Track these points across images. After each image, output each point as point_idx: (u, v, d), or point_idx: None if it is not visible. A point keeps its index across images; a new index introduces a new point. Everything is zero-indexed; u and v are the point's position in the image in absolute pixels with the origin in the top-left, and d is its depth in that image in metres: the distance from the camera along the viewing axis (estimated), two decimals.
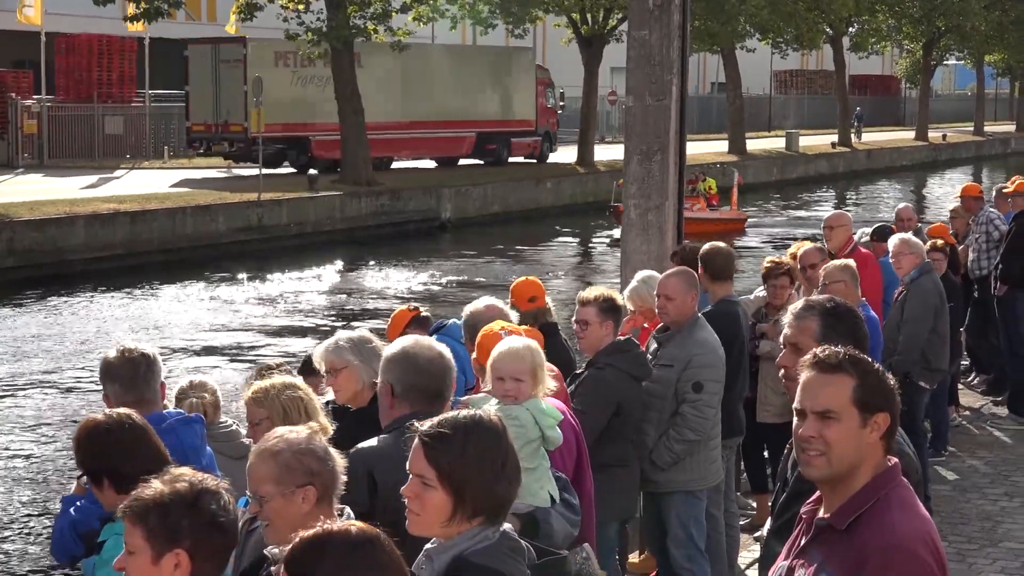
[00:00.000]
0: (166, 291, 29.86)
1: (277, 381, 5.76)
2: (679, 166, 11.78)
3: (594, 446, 7.27)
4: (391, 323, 8.53)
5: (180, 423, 5.68)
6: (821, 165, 65.89)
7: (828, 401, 3.84)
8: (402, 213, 40.94)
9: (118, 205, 33.49)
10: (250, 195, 36.75)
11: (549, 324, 8.45)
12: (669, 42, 11.59)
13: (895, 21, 75.32)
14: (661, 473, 8.36)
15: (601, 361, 7.80)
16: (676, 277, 8.41)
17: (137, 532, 3.81)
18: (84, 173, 42.12)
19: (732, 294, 9.64)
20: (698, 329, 8.36)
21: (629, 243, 11.74)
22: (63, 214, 31.80)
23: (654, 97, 11.63)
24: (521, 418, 5.86)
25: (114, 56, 49.82)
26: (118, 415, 5.09)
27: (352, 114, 42.11)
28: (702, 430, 8.32)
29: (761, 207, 50.85)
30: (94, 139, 48.34)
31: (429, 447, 3.79)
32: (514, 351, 5.98)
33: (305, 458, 4.27)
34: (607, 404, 7.77)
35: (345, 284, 32.03)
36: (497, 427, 3.86)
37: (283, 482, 4.25)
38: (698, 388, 8.27)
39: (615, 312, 7.94)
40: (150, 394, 5.68)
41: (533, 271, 29.61)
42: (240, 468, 6.66)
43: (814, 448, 3.85)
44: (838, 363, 3.87)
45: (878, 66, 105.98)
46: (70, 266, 30.86)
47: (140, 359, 5.67)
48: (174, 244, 33.75)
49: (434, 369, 5.34)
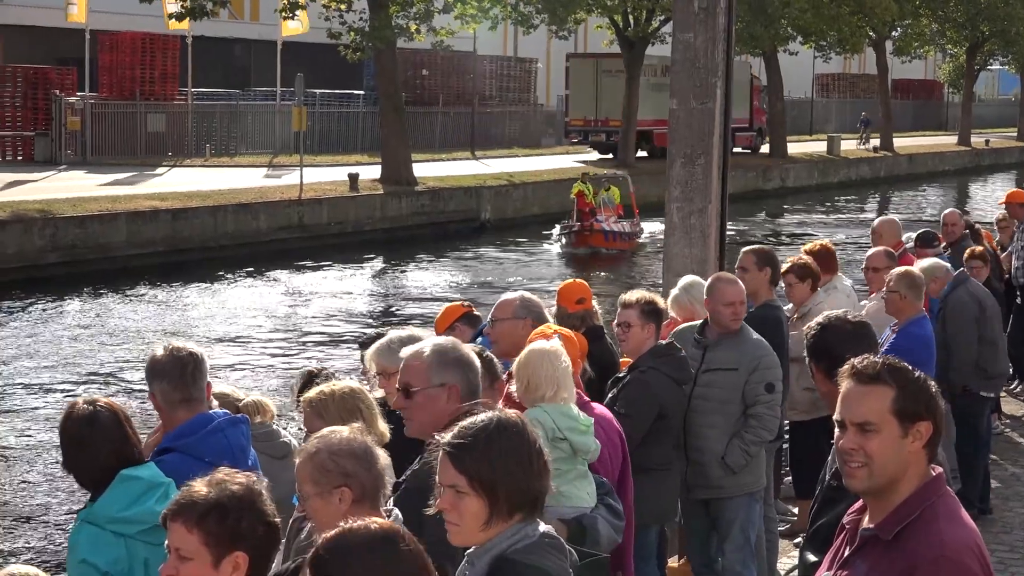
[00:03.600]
0: (206, 289, 29.97)
1: (337, 388, 5.65)
2: (723, 170, 11.74)
3: (637, 449, 7.25)
4: (440, 316, 8.49)
5: (227, 423, 5.68)
6: (862, 169, 65.59)
7: (867, 413, 3.82)
8: (442, 213, 40.98)
9: (160, 202, 33.65)
10: (291, 194, 36.86)
11: (596, 327, 8.42)
12: (714, 45, 11.55)
13: (939, 26, 74.94)
14: (729, 477, 8.35)
15: (644, 365, 7.80)
16: (740, 284, 8.50)
17: (193, 537, 3.76)
18: (126, 170, 42.34)
19: (775, 298, 9.62)
20: (746, 331, 8.40)
21: (672, 247, 11.69)
22: (105, 211, 31.97)
23: (698, 100, 11.59)
24: (540, 421, 5.87)
25: (157, 54, 50.03)
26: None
27: (393, 112, 42.19)
28: (775, 430, 8.45)
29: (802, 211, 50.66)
30: (136, 136, 48.57)
31: (454, 456, 3.80)
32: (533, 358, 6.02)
33: (341, 459, 4.28)
34: (650, 407, 7.76)
35: (384, 284, 32.08)
36: (517, 423, 3.87)
37: (319, 483, 4.28)
38: (770, 389, 8.31)
39: (657, 315, 7.93)
40: (197, 393, 5.67)
41: (574, 273, 29.61)
42: (281, 468, 6.68)
43: (855, 460, 3.84)
44: (876, 373, 3.85)
45: (921, 70, 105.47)
46: (112, 263, 31.02)
47: (188, 358, 5.67)
48: (215, 242, 33.88)
49: None
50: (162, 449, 5.56)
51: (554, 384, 6.08)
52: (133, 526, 5.09)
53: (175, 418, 5.63)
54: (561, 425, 6.04)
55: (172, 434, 5.60)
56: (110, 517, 5.11)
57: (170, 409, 5.64)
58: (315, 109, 52.28)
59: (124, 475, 5.15)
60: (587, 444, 6.11)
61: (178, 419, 5.62)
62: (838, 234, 42.35)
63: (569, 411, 6.11)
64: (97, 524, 5.13)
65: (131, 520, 5.09)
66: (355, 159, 48.99)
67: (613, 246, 37.06)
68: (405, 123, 42.35)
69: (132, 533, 5.09)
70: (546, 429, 5.91)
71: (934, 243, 13.22)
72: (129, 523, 5.09)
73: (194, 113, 50.93)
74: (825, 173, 62.09)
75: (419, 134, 54.97)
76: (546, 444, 3.95)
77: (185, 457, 5.42)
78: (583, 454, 6.13)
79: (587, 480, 6.11)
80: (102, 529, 5.10)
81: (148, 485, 5.15)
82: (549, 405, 6.05)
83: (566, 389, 6.15)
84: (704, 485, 8.37)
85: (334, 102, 56.24)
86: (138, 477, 5.17)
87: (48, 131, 46.39)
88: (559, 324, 8.05)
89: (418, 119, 56.42)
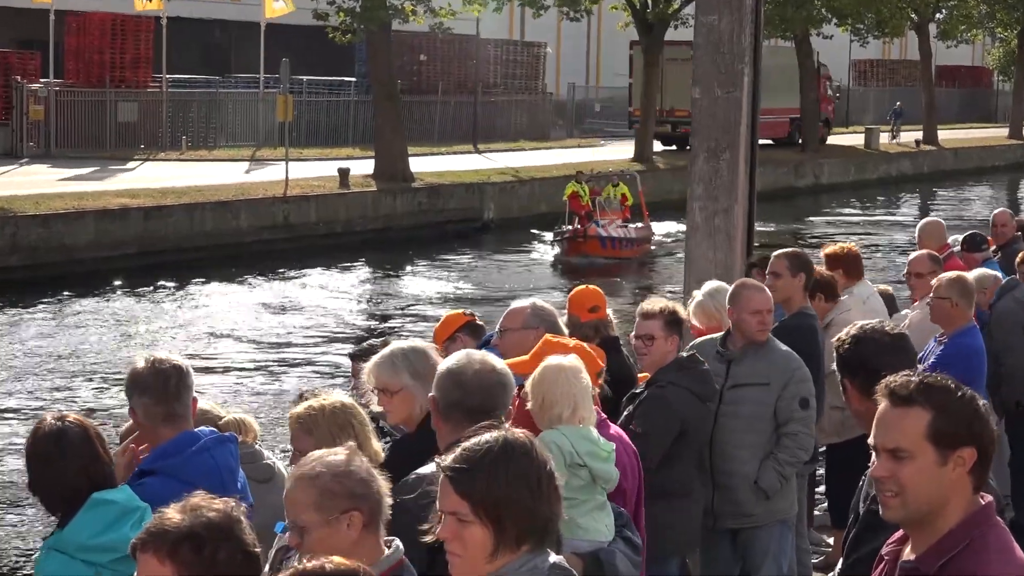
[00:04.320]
0: (182, 295, 30.00)
1: (327, 403, 5.71)
2: (750, 165, 11.74)
3: (655, 472, 7.24)
4: (440, 325, 8.48)
5: (214, 442, 5.69)
6: (903, 165, 65.57)
7: (899, 438, 3.80)
8: (441, 212, 41.02)
9: (131, 200, 33.69)
10: (275, 190, 36.90)
11: (611, 338, 8.41)
12: (740, 28, 11.54)
13: (988, 7, 74.90)
14: (761, 504, 8.34)
15: (662, 379, 7.80)
16: (767, 291, 8.53)
17: (166, 569, 3.72)
18: (94, 164, 42.36)
19: (809, 305, 9.63)
20: (774, 342, 8.42)
21: (694, 249, 11.68)
22: (71, 209, 32.02)
23: (723, 88, 11.58)
24: (557, 444, 5.87)
25: (128, 36, 50.04)
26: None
27: (387, 101, 42.22)
28: (811, 448, 8.46)
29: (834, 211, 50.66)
30: (106, 127, 48.58)
31: (456, 480, 3.79)
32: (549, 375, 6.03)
33: (347, 481, 4.27)
34: (669, 426, 7.75)
35: (378, 290, 32.10)
36: (525, 443, 3.86)
37: (325, 508, 4.25)
38: (805, 404, 8.32)
39: (679, 326, 7.95)
40: (181, 409, 5.68)
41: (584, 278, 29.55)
42: (265, 492, 6.68)
43: (888, 488, 3.83)
44: (909, 395, 3.82)
45: (968, 56, 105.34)
46: (78, 265, 31.06)
47: (172, 371, 5.68)
48: (191, 243, 33.92)
49: (480, 384, 5.33)
50: (143, 471, 5.55)
51: (571, 403, 6.07)
52: (105, 555, 5.08)
53: (157, 436, 5.63)
54: (580, 449, 6.03)
55: (154, 454, 5.60)
56: (80, 544, 5.12)
57: (152, 426, 5.65)
58: (302, 97, 52.30)
59: (96, 499, 5.15)
60: (608, 472, 6.10)
61: (161, 437, 5.62)
62: (877, 236, 42.38)
63: (589, 434, 6.09)
64: (66, 552, 5.13)
65: (103, 548, 5.08)
66: (346, 152, 49.03)
67: (612, 254, 36.38)
68: (401, 113, 42.39)
69: (104, 562, 5.09)
70: (564, 453, 5.90)
71: (982, 246, 13.21)
72: (101, 551, 5.09)
73: (169, 101, 50.96)
74: (862, 169, 62.06)
75: (416, 125, 54.97)
76: (561, 470, 3.95)
77: (168, 479, 5.41)
78: (602, 483, 6.12)
79: (605, 511, 6.10)
80: (71, 558, 5.10)
81: (122, 510, 5.16)
82: (567, 427, 6.05)
83: (585, 409, 6.13)
84: (733, 513, 8.34)
85: (323, 90, 56.29)
86: (111, 501, 5.17)
87: (8, 121, 46.41)
88: (571, 334, 8.07)
89: (415, 109, 56.44)
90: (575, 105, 71.94)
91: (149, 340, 24.59)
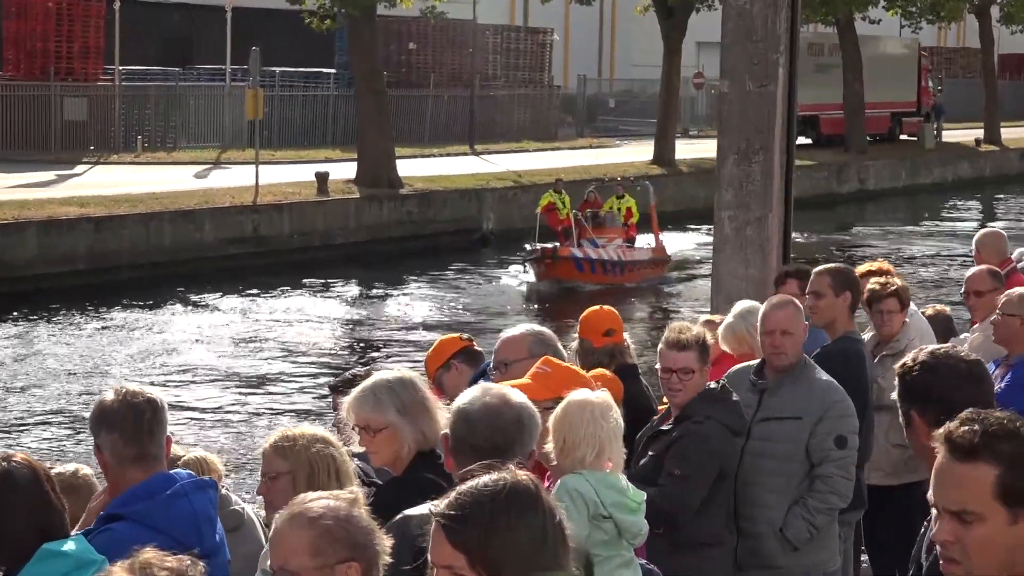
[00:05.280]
0: (137, 317, 30.00)
1: (307, 432, 5.80)
2: (786, 168, 11.76)
3: (690, 520, 7.23)
4: (433, 351, 8.46)
5: (192, 487, 5.69)
6: (962, 168, 65.59)
7: (965, 499, 3.73)
8: (433, 223, 41.01)
9: (79, 209, 33.70)
10: (244, 198, 36.91)
11: (628, 365, 8.42)
12: (775, 12, 11.58)
13: None
14: (790, 555, 8.31)
15: (698, 414, 7.78)
16: (792, 308, 8.44)
17: None
18: (37, 168, 42.40)
19: (856, 329, 9.61)
20: (814, 371, 8.38)
21: (722, 264, 11.71)
22: (11, 220, 32.02)
23: (755, 81, 11.62)
24: (580, 492, 5.87)
25: (76, 23, 50.09)
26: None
27: (371, 96, 42.23)
28: (848, 495, 8.34)
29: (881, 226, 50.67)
30: (50, 126, 48.62)
31: (450, 529, 3.76)
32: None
33: (350, 527, 4.28)
34: (712, 468, 7.78)
35: (360, 311, 32.11)
36: (528, 487, 3.83)
37: (322, 554, 4.25)
38: (841, 443, 8.25)
39: (708, 354, 7.95)
40: (155, 449, 5.67)
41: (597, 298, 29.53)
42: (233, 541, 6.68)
43: (952, 554, 3.76)
44: (973, 447, 3.74)
45: None
46: (19, 283, 31.05)
47: (145, 405, 5.67)
48: (149, 258, 33.94)
49: (489, 420, 5.33)
50: (109, 515, 5.54)
51: (597, 445, 6.08)
52: None
53: (126, 479, 5.63)
54: (606, 500, 6.03)
55: (122, 498, 5.59)
56: None
57: (120, 467, 5.64)
58: (274, 92, 52.35)
59: (46, 550, 5.15)
60: (637, 526, 6.10)
61: (129, 480, 5.61)
62: (929, 250, 42.41)
63: (617, 482, 6.09)
64: None
65: None
66: (324, 155, 49.10)
67: (595, 279, 34.71)
68: (387, 110, 42.39)
69: None
70: (587, 503, 5.91)
71: None
72: None
73: (122, 97, 51.01)
74: (914, 172, 62.08)
75: (404, 123, 55.06)
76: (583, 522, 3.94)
77: (137, 526, 5.40)
78: (630, 537, 6.12)
79: (632, 568, 6.10)
80: None
81: (76, 562, 5.15)
82: (591, 473, 6.04)
83: (613, 452, 6.14)
84: (758, 565, 8.31)
85: (298, 83, 56.36)
86: (63, 553, 5.16)
87: None
88: (583, 361, 8.07)
89: (403, 104, 56.51)
90: (586, 100, 71.96)
91: (98, 369, 24.59)
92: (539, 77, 67.07)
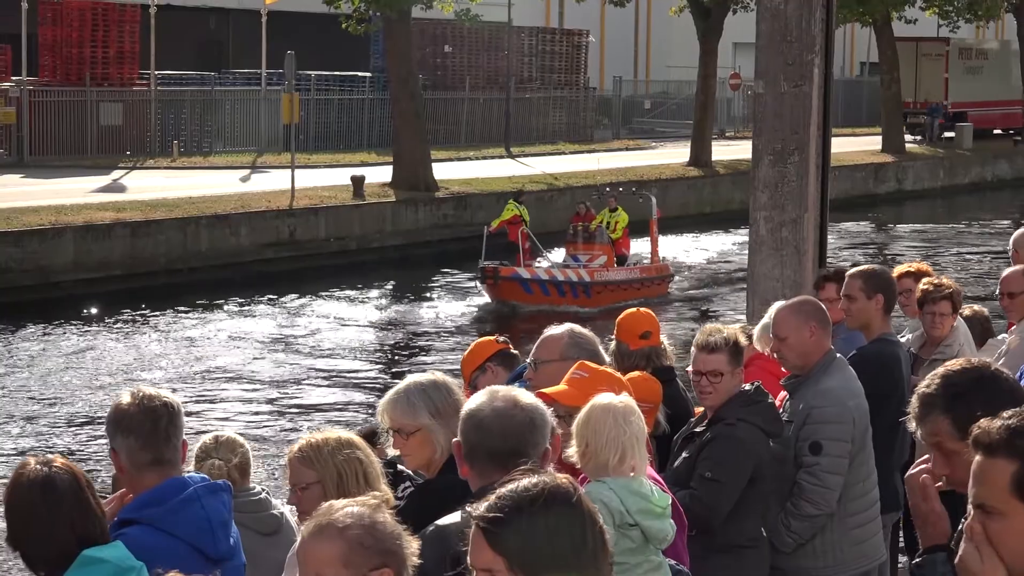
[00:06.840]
0: (173, 322, 30.09)
1: (331, 437, 5.79)
2: (822, 169, 11.74)
3: (724, 523, 7.22)
4: (469, 354, 8.47)
5: (205, 491, 5.70)
6: (1001, 168, 65.35)
7: (983, 493, 3.79)
8: (469, 226, 40.94)
9: (116, 214, 33.82)
10: (280, 202, 36.99)
11: (664, 368, 8.42)
12: (810, 13, 11.56)
13: None
14: (783, 557, 8.28)
15: (731, 416, 7.77)
16: (787, 309, 8.43)
17: None
18: (74, 173, 42.54)
19: (892, 331, 9.58)
20: (826, 375, 8.35)
21: (757, 266, 11.68)
22: (47, 225, 32.15)
23: (790, 82, 11.60)
24: (605, 502, 5.88)
25: (112, 28, 50.25)
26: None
27: (407, 99, 42.27)
28: (824, 503, 8.24)
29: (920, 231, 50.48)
30: (87, 131, 48.77)
31: (491, 532, 3.76)
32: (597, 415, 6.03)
33: (379, 533, 4.29)
34: (745, 470, 7.76)
35: (397, 315, 32.13)
36: (568, 490, 3.83)
37: (353, 563, 4.25)
38: (816, 449, 8.20)
39: (742, 355, 7.95)
40: (170, 453, 5.67)
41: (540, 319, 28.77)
42: (268, 546, 6.71)
43: (975, 544, 3.80)
44: (992, 443, 3.79)
45: None
46: (56, 290, 31.17)
47: (162, 409, 5.67)
48: (185, 263, 34.05)
49: (502, 424, 5.33)
50: (123, 520, 5.56)
51: (619, 449, 6.08)
52: None
53: (141, 483, 5.63)
54: (631, 507, 6.02)
55: (136, 502, 5.61)
56: None
57: (136, 472, 5.64)
58: (309, 96, 52.46)
59: (86, 556, 5.15)
60: (663, 530, 6.08)
61: (144, 484, 5.62)
62: (966, 249, 42.23)
63: (640, 487, 6.08)
64: None
65: None
66: (360, 158, 49.21)
67: (546, 301, 31.96)
68: (423, 113, 42.41)
69: None
70: (612, 513, 5.89)
71: None
72: None
73: (158, 101, 51.16)
74: (952, 172, 61.88)
75: (440, 126, 55.12)
76: (610, 531, 3.95)
77: (150, 531, 5.43)
78: (657, 543, 6.12)
79: (662, 572, 6.09)
80: None
81: (115, 569, 5.17)
82: (614, 480, 6.04)
83: (635, 457, 6.12)
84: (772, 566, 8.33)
85: (333, 87, 56.43)
86: (102, 559, 5.17)
87: None
88: (619, 364, 8.07)
89: (439, 107, 56.59)
90: (622, 102, 71.82)
91: (134, 374, 24.66)
92: (574, 79, 67.04)
